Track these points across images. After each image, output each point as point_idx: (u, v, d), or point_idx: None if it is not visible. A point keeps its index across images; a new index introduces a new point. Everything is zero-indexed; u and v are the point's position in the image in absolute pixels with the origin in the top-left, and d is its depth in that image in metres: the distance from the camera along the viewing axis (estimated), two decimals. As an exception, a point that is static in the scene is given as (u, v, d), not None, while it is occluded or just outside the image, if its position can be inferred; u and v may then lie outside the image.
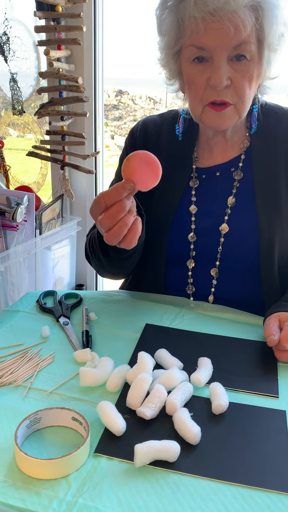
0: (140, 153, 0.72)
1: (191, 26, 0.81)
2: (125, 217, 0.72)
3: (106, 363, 0.73)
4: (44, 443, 0.60)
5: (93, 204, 0.75)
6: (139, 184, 0.72)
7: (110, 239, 0.74)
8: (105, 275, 1.05)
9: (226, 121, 0.87)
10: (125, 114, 10.12)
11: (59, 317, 0.89)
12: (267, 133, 0.96)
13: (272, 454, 0.59)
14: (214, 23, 0.79)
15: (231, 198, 0.96)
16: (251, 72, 0.84)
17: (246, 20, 0.78)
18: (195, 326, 0.88)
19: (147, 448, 0.56)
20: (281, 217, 0.93)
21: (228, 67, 0.82)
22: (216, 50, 0.81)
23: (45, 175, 2.07)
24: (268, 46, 0.84)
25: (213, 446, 0.60)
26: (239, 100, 0.85)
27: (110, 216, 0.72)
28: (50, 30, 1.68)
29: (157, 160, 0.72)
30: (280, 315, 0.81)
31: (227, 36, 0.79)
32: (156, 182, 0.73)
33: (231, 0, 0.76)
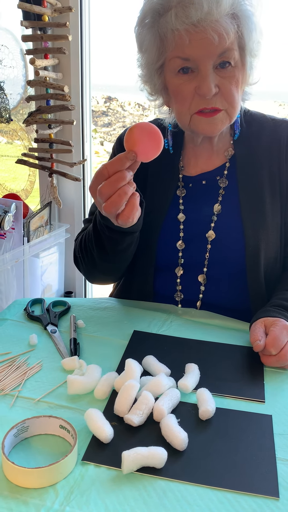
0: (142, 124, 0.73)
1: (175, 39, 0.82)
2: (124, 186, 0.73)
3: (93, 370, 0.73)
4: (32, 452, 0.60)
5: (94, 176, 0.75)
6: (140, 154, 0.73)
7: (109, 208, 0.73)
8: (96, 277, 1.04)
9: (218, 125, 0.88)
10: (114, 121, 10.13)
11: (47, 325, 0.89)
12: (251, 141, 0.97)
13: (258, 459, 0.60)
14: (197, 33, 0.80)
15: (217, 205, 0.97)
16: (237, 77, 0.86)
17: (229, 28, 0.80)
18: (183, 333, 0.89)
19: (135, 455, 0.56)
20: (265, 223, 0.94)
21: (214, 75, 0.84)
22: (202, 59, 0.82)
23: (34, 182, 2.07)
24: (249, 52, 0.86)
25: (200, 452, 0.60)
26: (229, 106, 0.87)
27: (111, 183, 0.72)
28: (36, 39, 1.69)
29: (159, 131, 0.73)
30: (266, 320, 0.82)
31: (212, 45, 0.80)
32: (157, 152, 0.74)
33: (214, 10, 0.78)
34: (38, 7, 1.59)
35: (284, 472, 0.58)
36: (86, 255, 0.96)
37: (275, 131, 0.97)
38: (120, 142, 1.06)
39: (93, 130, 1.94)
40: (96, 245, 0.90)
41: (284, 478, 0.57)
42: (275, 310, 0.85)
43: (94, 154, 7.71)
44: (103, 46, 3.37)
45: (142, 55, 0.90)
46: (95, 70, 1.95)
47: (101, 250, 0.90)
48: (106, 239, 0.87)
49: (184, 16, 0.79)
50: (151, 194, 0.99)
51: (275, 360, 0.77)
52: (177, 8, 0.80)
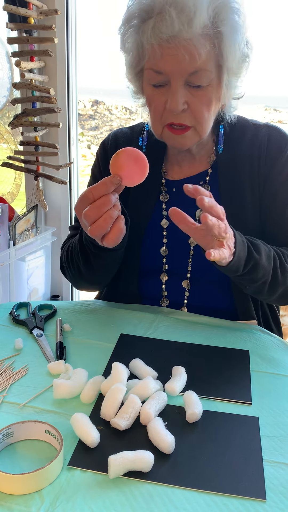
0: (129, 149, 0.73)
1: (149, 51, 0.82)
2: (110, 210, 0.73)
3: (80, 374, 0.72)
4: (17, 458, 0.59)
5: (79, 199, 0.76)
6: (126, 179, 0.74)
7: (94, 232, 0.74)
8: (82, 285, 1.04)
9: (187, 142, 0.89)
10: (101, 124, 10.14)
11: (33, 329, 0.88)
12: (232, 147, 0.97)
13: (245, 461, 0.60)
14: (169, 49, 0.79)
15: (199, 211, 0.97)
16: (209, 97, 0.85)
17: (201, 48, 0.79)
18: (170, 335, 0.88)
19: (121, 459, 0.56)
20: (246, 228, 0.94)
21: (185, 92, 0.83)
22: (173, 75, 0.82)
23: (19, 185, 2.06)
24: (227, 71, 0.84)
25: (187, 455, 0.60)
26: (198, 124, 0.86)
27: (96, 207, 0.73)
28: (22, 42, 1.69)
29: (145, 157, 0.74)
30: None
31: (183, 63, 0.80)
32: (142, 178, 0.75)
33: (184, 30, 0.77)
34: (24, 9, 1.58)
35: (270, 474, 0.58)
36: (72, 266, 0.96)
37: (256, 135, 0.97)
38: (104, 147, 1.06)
39: (80, 133, 1.94)
40: (82, 259, 0.90)
41: (271, 480, 0.57)
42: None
43: (81, 157, 7.70)
44: (91, 50, 3.38)
45: (126, 56, 0.90)
46: (83, 73, 1.95)
47: (87, 263, 0.91)
48: (91, 254, 0.88)
49: (158, 31, 0.78)
50: (135, 199, 0.99)
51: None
52: (156, 19, 0.79)
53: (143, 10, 0.81)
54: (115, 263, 0.92)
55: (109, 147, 1.04)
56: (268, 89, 2.77)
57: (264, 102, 5.95)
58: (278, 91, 7.41)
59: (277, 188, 0.96)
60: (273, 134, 0.97)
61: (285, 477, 0.58)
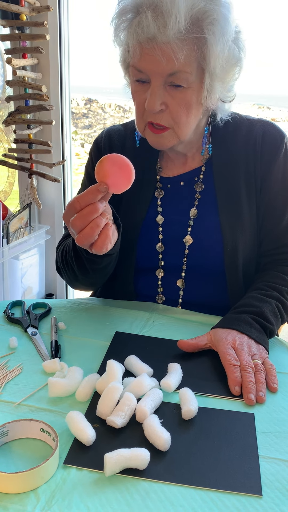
0: (112, 156, 0.72)
1: (132, 49, 0.82)
2: (97, 219, 0.72)
3: (75, 372, 0.72)
4: (12, 456, 0.59)
5: (66, 208, 0.74)
6: (112, 186, 0.72)
7: (81, 240, 0.73)
8: (78, 286, 1.04)
9: (165, 142, 0.89)
10: (94, 122, 10.13)
11: (27, 327, 0.88)
12: (226, 142, 0.97)
13: (241, 457, 0.60)
14: (148, 49, 0.80)
15: (193, 210, 0.97)
16: (188, 99, 0.84)
17: (179, 52, 0.78)
18: (165, 332, 0.88)
19: (117, 457, 0.56)
20: (243, 224, 0.95)
21: (164, 92, 0.83)
22: (152, 75, 0.82)
23: (13, 183, 2.05)
24: (210, 75, 0.83)
25: (183, 452, 0.60)
26: (176, 125, 0.86)
27: (83, 216, 0.72)
28: (14, 39, 1.68)
29: (130, 164, 0.72)
30: (234, 340, 0.79)
31: (160, 64, 0.80)
32: (128, 185, 0.73)
33: (160, 33, 0.77)
34: (16, 6, 1.57)
35: (266, 470, 0.58)
36: (67, 269, 0.95)
37: (250, 130, 0.97)
38: (97, 145, 1.05)
39: (73, 132, 1.93)
40: (76, 263, 0.90)
41: (266, 475, 0.57)
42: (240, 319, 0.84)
43: (75, 155, 7.68)
44: (84, 49, 3.37)
45: (118, 47, 0.89)
46: (76, 72, 1.94)
47: (81, 267, 0.90)
48: (85, 259, 0.87)
49: (140, 31, 0.78)
50: (130, 196, 0.99)
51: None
52: (139, 18, 0.79)
53: (133, 7, 0.81)
54: (109, 266, 0.92)
55: (103, 144, 1.04)
56: (257, 88, 2.78)
57: (253, 100, 5.97)
58: (266, 90, 7.41)
59: (273, 197, 0.96)
60: (268, 129, 0.97)
61: (280, 472, 0.58)
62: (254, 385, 0.72)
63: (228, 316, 0.86)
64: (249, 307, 0.86)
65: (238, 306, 0.88)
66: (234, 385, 0.72)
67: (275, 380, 0.74)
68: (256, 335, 0.81)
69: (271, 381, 0.74)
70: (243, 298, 0.91)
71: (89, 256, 0.84)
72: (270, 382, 0.74)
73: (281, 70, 15.63)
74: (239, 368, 0.75)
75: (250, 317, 0.84)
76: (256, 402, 0.70)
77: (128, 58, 0.86)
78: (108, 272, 0.95)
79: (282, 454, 0.61)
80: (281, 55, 23.87)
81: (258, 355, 0.78)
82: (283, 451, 0.61)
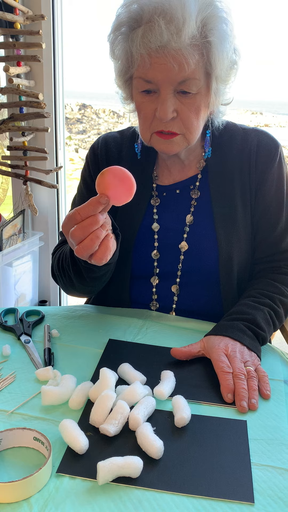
0: (114, 168, 0.72)
1: (138, 60, 0.82)
2: (97, 230, 0.72)
3: (68, 380, 0.72)
4: (5, 466, 0.59)
5: (66, 219, 0.74)
6: (113, 199, 0.72)
7: (80, 252, 0.73)
8: (73, 293, 1.03)
9: (174, 147, 0.89)
10: (89, 128, 10.13)
11: (20, 335, 0.88)
12: (222, 151, 0.99)
13: (233, 465, 0.60)
14: (158, 58, 0.80)
15: (189, 216, 0.98)
16: (198, 105, 0.85)
17: (190, 58, 0.79)
18: (158, 340, 0.89)
19: (110, 465, 0.56)
20: (238, 233, 0.96)
21: (174, 100, 0.84)
22: (162, 84, 0.82)
23: (6, 190, 2.05)
24: (215, 79, 0.85)
25: (176, 460, 0.60)
26: (187, 131, 0.87)
27: (83, 227, 0.71)
28: (9, 47, 1.68)
29: (131, 177, 0.72)
30: (227, 347, 0.80)
31: (172, 72, 0.80)
32: (129, 198, 0.73)
33: (173, 40, 0.77)
34: (10, 14, 1.58)
35: (258, 477, 0.58)
36: (64, 276, 0.95)
37: (245, 139, 0.98)
38: (93, 151, 1.06)
39: (67, 137, 1.94)
40: (73, 271, 0.90)
41: (259, 483, 0.58)
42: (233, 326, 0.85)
43: (69, 161, 7.67)
44: (77, 54, 3.39)
45: (115, 62, 0.90)
46: (69, 77, 1.96)
47: (78, 275, 0.90)
48: (82, 268, 0.87)
49: (147, 40, 0.79)
50: (126, 204, 1.00)
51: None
52: (145, 27, 0.79)
53: (132, 18, 0.82)
54: (106, 275, 0.92)
55: (99, 151, 1.04)
56: (250, 94, 2.80)
57: (246, 107, 6.02)
58: (259, 96, 7.49)
59: (267, 205, 0.97)
60: (262, 139, 0.98)
61: (272, 480, 0.58)
62: (246, 392, 0.72)
63: (221, 323, 0.87)
64: (242, 314, 0.87)
65: (230, 313, 0.89)
66: (226, 393, 0.73)
67: (268, 387, 0.75)
68: (249, 342, 0.81)
69: (264, 388, 0.74)
70: (236, 305, 0.92)
71: (86, 265, 0.84)
72: (263, 389, 0.74)
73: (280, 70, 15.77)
74: (232, 375, 0.75)
75: (242, 324, 0.84)
76: (249, 409, 0.71)
77: (131, 70, 0.86)
78: (105, 280, 0.95)
79: (274, 461, 0.61)
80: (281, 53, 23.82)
81: (251, 362, 0.78)
82: (275, 458, 0.62)
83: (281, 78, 35.80)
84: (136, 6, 0.81)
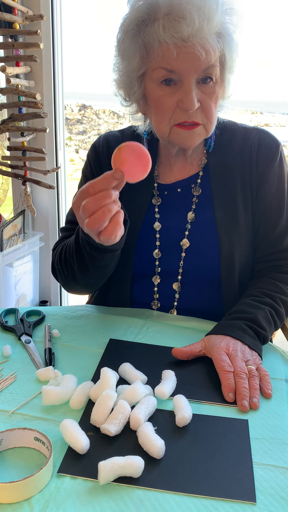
0: (131, 143, 0.71)
1: (162, 50, 0.82)
2: (109, 204, 0.71)
3: (69, 380, 0.72)
4: (6, 466, 0.59)
5: (78, 193, 0.74)
6: (127, 174, 0.71)
7: (91, 224, 0.71)
8: (74, 288, 1.02)
9: (195, 139, 0.89)
10: (89, 128, 10.13)
11: (21, 335, 0.88)
12: (223, 149, 0.99)
13: (235, 464, 0.60)
14: (186, 48, 0.80)
15: (191, 213, 0.97)
16: (217, 94, 0.87)
17: (215, 45, 0.82)
18: (159, 339, 0.89)
19: (111, 465, 0.56)
20: (239, 230, 0.95)
21: (197, 90, 0.84)
22: (187, 73, 0.82)
23: (7, 190, 2.05)
24: (228, 69, 0.88)
25: (177, 459, 0.60)
26: (208, 121, 0.88)
27: (96, 199, 0.71)
28: (7, 47, 1.68)
29: (148, 154, 0.71)
30: (228, 346, 0.79)
31: (198, 60, 0.81)
32: (144, 174, 0.72)
33: (204, 27, 0.78)
34: (9, 14, 1.58)
35: (260, 476, 0.58)
36: (66, 268, 0.95)
37: (246, 138, 0.98)
38: (95, 150, 1.06)
39: (67, 138, 1.94)
40: (77, 260, 0.89)
41: (260, 482, 0.57)
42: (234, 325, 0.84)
43: (69, 161, 7.68)
44: (78, 55, 3.39)
45: (122, 62, 0.89)
46: (70, 78, 1.96)
47: (82, 265, 0.89)
48: (86, 255, 0.86)
49: (173, 30, 0.79)
50: (127, 203, 0.99)
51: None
52: (164, 20, 0.80)
53: (145, 13, 0.82)
54: (110, 265, 0.91)
55: (101, 149, 1.04)
56: (249, 94, 2.81)
57: (246, 106, 6.04)
58: (259, 96, 7.52)
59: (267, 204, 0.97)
60: (263, 137, 0.98)
61: (274, 479, 0.58)
62: (248, 391, 0.72)
63: (222, 322, 0.87)
64: (243, 313, 0.87)
65: (231, 313, 0.89)
66: (228, 392, 0.72)
67: (269, 386, 0.74)
68: (250, 341, 0.81)
69: (265, 387, 0.74)
70: (237, 304, 0.91)
71: (92, 251, 0.84)
72: (264, 388, 0.74)
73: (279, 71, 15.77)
74: (233, 374, 0.75)
75: (243, 323, 0.84)
76: (250, 409, 0.70)
77: (147, 65, 0.86)
78: (107, 272, 0.94)
79: (276, 460, 0.61)
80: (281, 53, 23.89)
81: (252, 361, 0.78)
82: (276, 457, 0.61)
83: (281, 78, 35.54)
84: (144, 2, 0.82)
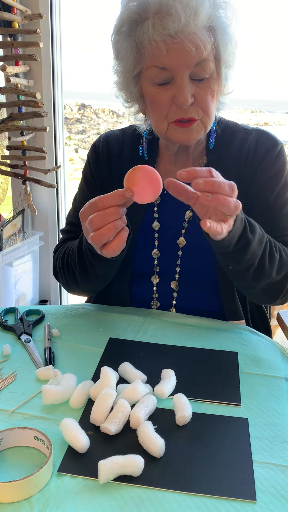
0: (146, 167, 0.74)
1: (152, 49, 0.82)
2: (116, 221, 0.73)
3: (69, 379, 0.72)
4: (6, 465, 0.59)
5: (87, 205, 0.75)
6: (137, 195, 0.74)
7: (96, 239, 0.74)
8: (75, 291, 1.03)
9: (193, 135, 0.89)
10: (88, 128, 10.13)
11: (21, 334, 0.88)
12: (222, 150, 0.98)
13: (235, 463, 0.60)
14: (175, 44, 0.80)
15: (189, 212, 0.97)
16: (213, 88, 0.87)
17: (206, 40, 0.81)
18: (159, 338, 0.88)
19: (111, 464, 0.56)
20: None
21: (191, 85, 0.84)
22: (179, 69, 0.82)
23: (6, 190, 2.05)
24: (224, 64, 0.87)
25: (177, 458, 0.60)
26: (205, 115, 0.87)
27: (104, 215, 0.73)
28: (7, 46, 1.68)
29: (160, 180, 0.73)
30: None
31: (189, 55, 0.81)
32: (153, 198, 0.75)
33: (191, 23, 0.78)
34: (8, 13, 1.57)
35: (260, 475, 0.58)
36: (67, 272, 0.95)
37: (245, 139, 0.98)
38: (95, 149, 1.05)
39: (67, 137, 1.94)
40: (79, 266, 0.90)
41: (260, 480, 0.57)
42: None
43: (69, 161, 7.67)
44: (77, 55, 3.39)
45: (118, 63, 0.89)
46: (69, 77, 1.96)
47: (83, 271, 0.90)
48: (88, 262, 0.87)
49: (161, 27, 0.79)
50: None
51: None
52: (154, 18, 0.80)
53: (136, 13, 0.82)
54: (110, 274, 0.92)
55: (101, 149, 1.04)
56: (249, 93, 2.81)
57: (245, 105, 6.04)
58: (258, 95, 7.52)
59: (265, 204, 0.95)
60: (262, 137, 0.98)
61: (274, 477, 0.58)
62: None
63: None
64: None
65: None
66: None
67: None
68: (240, 214, 0.78)
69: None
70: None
71: (93, 260, 0.84)
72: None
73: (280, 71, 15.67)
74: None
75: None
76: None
77: (141, 64, 0.86)
78: (108, 279, 0.95)
79: (276, 459, 0.61)
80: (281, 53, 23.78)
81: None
82: (277, 456, 0.61)
83: (281, 78, 35.81)
84: (135, 3, 0.82)
